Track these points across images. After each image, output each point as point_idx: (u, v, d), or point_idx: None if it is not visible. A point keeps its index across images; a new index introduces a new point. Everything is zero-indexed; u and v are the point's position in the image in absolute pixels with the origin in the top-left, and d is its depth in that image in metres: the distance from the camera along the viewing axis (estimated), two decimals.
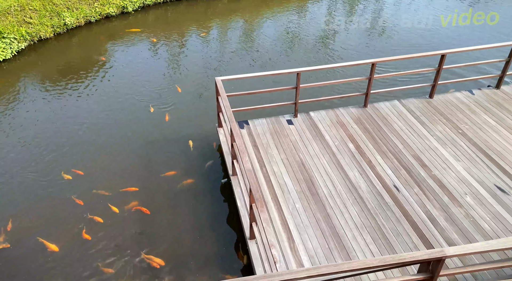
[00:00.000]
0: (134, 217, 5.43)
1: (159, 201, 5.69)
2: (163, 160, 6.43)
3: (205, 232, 5.22)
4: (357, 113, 6.54)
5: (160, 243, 5.06)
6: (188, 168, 6.25)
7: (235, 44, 10.04)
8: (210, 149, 6.65)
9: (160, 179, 6.06)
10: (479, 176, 5.21)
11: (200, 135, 6.93)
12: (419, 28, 10.73)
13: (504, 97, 6.74)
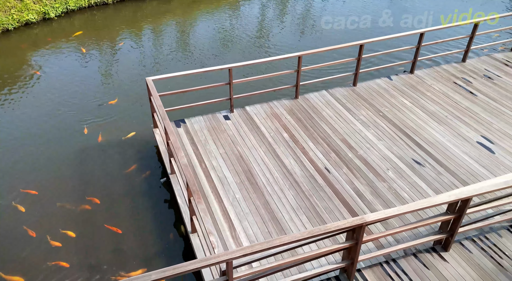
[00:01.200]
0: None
1: (100, 216, 5.58)
2: (100, 179, 6.28)
3: (148, 235, 5.22)
4: (289, 104, 6.88)
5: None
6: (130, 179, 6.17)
7: (169, 46, 10.01)
8: (154, 162, 6.62)
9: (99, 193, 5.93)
10: (399, 152, 5.76)
11: (142, 148, 6.86)
12: (345, 24, 11.42)
13: (418, 80, 7.46)
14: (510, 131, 6.11)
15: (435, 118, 6.42)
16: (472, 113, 6.52)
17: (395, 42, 9.70)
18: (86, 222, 5.36)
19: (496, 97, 6.91)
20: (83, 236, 5.16)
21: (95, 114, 7.45)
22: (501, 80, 7.39)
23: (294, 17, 11.75)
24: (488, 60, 8.05)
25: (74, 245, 5.04)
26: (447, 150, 5.77)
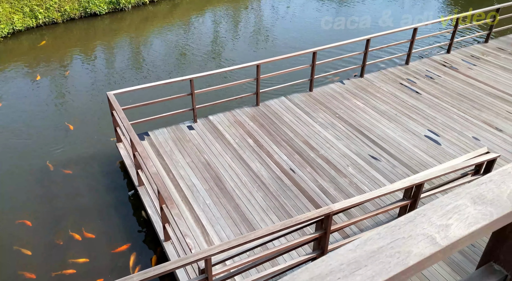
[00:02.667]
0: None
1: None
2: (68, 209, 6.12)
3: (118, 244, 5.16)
4: (251, 112, 7.11)
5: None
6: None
7: (125, 64, 9.95)
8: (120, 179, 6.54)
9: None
10: (356, 150, 6.15)
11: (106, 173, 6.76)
12: (297, 32, 11.96)
13: (368, 83, 8.00)
14: (452, 124, 6.72)
15: (386, 116, 6.92)
16: (418, 110, 7.09)
17: (348, 47, 10.29)
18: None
19: (438, 95, 7.56)
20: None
21: (54, 141, 7.24)
22: (441, 79, 8.10)
23: (248, 30, 12.12)
24: (428, 62, 8.80)
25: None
26: (399, 144, 6.24)
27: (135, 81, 9.11)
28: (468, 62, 8.77)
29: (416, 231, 0.63)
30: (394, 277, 0.58)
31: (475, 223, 0.64)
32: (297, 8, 13.75)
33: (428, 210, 0.67)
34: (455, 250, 0.63)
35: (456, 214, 0.65)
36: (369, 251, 0.61)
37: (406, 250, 0.61)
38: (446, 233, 0.63)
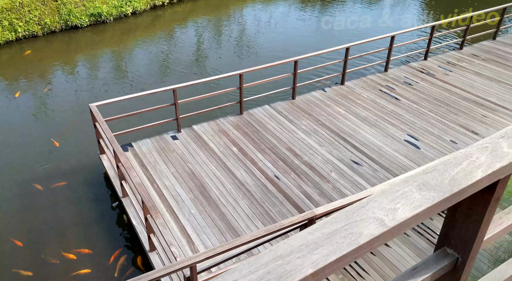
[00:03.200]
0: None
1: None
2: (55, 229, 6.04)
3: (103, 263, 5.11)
4: (235, 120, 7.18)
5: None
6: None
7: (108, 76, 9.93)
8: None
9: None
10: (339, 155, 6.27)
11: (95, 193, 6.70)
12: (280, 41, 12.15)
13: (348, 90, 8.18)
14: (431, 129, 6.92)
15: (367, 122, 7.09)
16: (397, 116, 7.29)
17: (329, 56, 10.51)
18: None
19: (416, 100, 7.79)
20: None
21: (38, 157, 7.16)
22: (419, 86, 8.35)
23: (231, 40, 12.27)
24: (406, 69, 9.06)
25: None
26: (380, 149, 6.40)
27: (118, 92, 9.10)
28: (445, 68, 9.07)
29: (367, 214, 0.71)
30: (347, 254, 0.65)
31: (419, 206, 0.71)
32: (279, 17, 14.00)
33: (379, 197, 0.74)
34: (402, 230, 0.71)
35: (403, 199, 0.73)
36: (326, 233, 0.68)
37: (358, 231, 0.68)
38: (393, 215, 0.70)
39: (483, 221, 0.86)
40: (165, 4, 14.23)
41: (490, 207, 0.85)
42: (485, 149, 0.82)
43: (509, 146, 0.82)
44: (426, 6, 15.51)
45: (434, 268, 0.90)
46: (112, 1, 12.80)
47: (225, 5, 15.19)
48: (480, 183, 0.76)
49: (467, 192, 0.75)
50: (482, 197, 0.85)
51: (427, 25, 9.19)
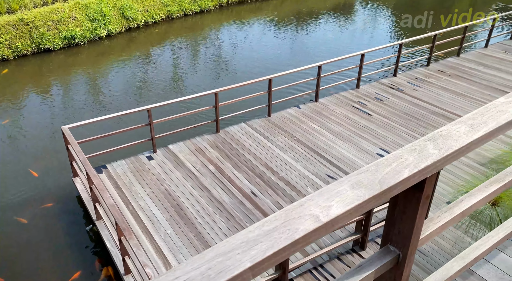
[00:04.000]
0: None
1: None
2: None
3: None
4: (212, 139, 7.22)
5: None
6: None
7: (82, 98, 9.84)
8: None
9: None
10: (314, 170, 6.37)
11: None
12: (256, 59, 12.39)
13: (322, 107, 8.39)
14: (402, 142, 7.14)
15: (341, 137, 7.26)
16: (369, 130, 7.50)
17: (303, 74, 10.77)
18: None
19: (387, 115, 8.05)
20: None
21: (12, 187, 6.96)
22: (389, 101, 8.65)
23: (207, 59, 12.43)
24: (377, 85, 9.39)
25: None
26: (353, 163, 6.54)
27: (93, 114, 9.01)
28: (413, 84, 9.45)
29: (304, 212, 0.76)
30: (284, 248, 0.70)
31: (351, 203, 0.78)
32: (254, 36, 14.31)
33: (316, 195, 0.81)
34: (336, 225, 0.76)
35: (338, 197, 0.79)
36: (266, 231, 0.73)
37: (295, 227, 0.73)
38: (328, 212, 0.76)
39: (417, 217, 0.93)
40: (140, 27, 14.34)
41: (422, 203, 0.92)
42: (413, 151, 0.90)
43: (434, 147, 0.90)
44: (395, 25, 16.22)
45: (378, 264, 0.96)
46: (86, 24, 12.80)
47: (201, 26, 15.45)
48: (407, 181, 0.84)
49: (396, 190, 0.82)
50: (414, 195, 0.93)
51: (395, 43, 9.61)
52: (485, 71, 9.98)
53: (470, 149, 0.95)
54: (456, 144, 0.91)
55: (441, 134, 0.95)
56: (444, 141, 0.91)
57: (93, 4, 13.08)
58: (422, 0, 20.48)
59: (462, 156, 0.92)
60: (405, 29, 15.65)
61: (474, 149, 1.02)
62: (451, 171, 6.22)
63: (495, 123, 0.95)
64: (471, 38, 13.43)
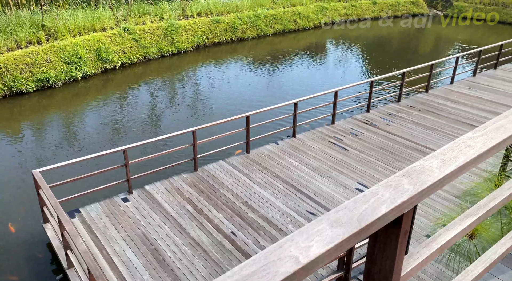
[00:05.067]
0: None
1: None
2: None
3: None
4: (190, 177, 7.11)
5: None
6: None
7: (56, 141, 9.61)
8: None
9: None
10: (294, 206, 6.33)
11: None
12: (233, 98, 12.58)
13: (300, 142, 8.50)
14: (379, 176, 7.25)
15: (319, 172, 7.31)
16: (347, 165, 7.60)
17: (280, 110, 10.97)
18: None
19: (363, 150, 8.22)
20: None
21: None
22: (364, 136, 8.87)
23: (185, 99, 12.53)
24: (351, 121, 9.65)
25: None
26: (333, 198, 6.56)
27: (67, 157, 8.76)
28: (386, 119, 9.77)
29: (284, 253, 0.74)
30: None
31: (331, 242, 0.76)
32: (231, 75, 14.62)
33: (296, 235, 0.79)
34: (317, 266, 0.75)
35: (317, 236, 0.78)
36: (244, 275, 0.70)
37: (275, 270, 0.71)
38: (307, 253, 0.74)
39: (397, 254, 0.92)
40: (116, 68, 14.43)
41: (401, 239, 0.92)
42: (389, 186, 0.91)
43: (409, 183, 0.91)
44: (366, 63, 17.01)
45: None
46: (61, 66, 12.78)
47: (178, 66, 15.71)
48: (385, 218, 0.84)
49: (374, 227, 0.82)
50: (392, 231, 0.92)
51: (367, 80, 10.03)
52: (453, 106, 10.48)
53: (443, 183, 0.97)
54: (430, 178, 0.93)
55: (415, 169, 0.97)
56: (418, 176, 0.93)
57: (68, 47, 13.15)
58: (390, 40, 21.74)
59: (436, 190, 0.94)
60: (375, 67, 16.43)
61: (447, 183, 1.04)
62: (429, 204, 6.32)
63: (465, 158, 0.98)
64: (437, 75, 14.21)
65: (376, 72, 15.64)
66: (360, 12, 24.38)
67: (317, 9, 22.51)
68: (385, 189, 0.90)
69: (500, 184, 4.26)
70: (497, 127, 1.15)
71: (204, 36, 17.56)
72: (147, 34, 15.71)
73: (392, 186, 0.91)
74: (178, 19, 17.31)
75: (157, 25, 16.23)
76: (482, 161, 1.06)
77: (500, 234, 2.95)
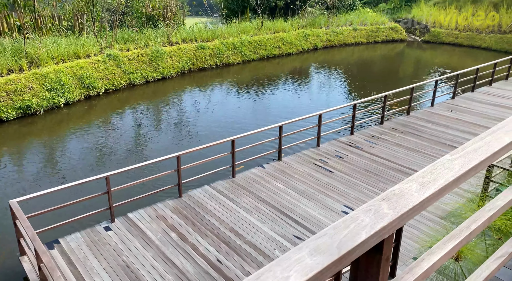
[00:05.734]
0: None
1: None
2: None
3: None
4: (174, 204, 6.97)
5: None
6: None
7: (37, 169, 9.36)
8: None
9: None
10: (281, 231, 6.23)
11: None
12: (219, 122, 12.58)
13: (285, 165, 8.49)
14: (364, 198, 7.26)
15: (305, 195, 7.27)
16: (332, 188, 7.60)
17: (265, 134, 10.99)
18: None
19: (348, 172, 8.25)
20: None
21: None
22: (349, 158, 8.94)
23: (170, 124, 12.48)
24: (336, 143, 9.73)
25: None
26: (319, 222, 6.50)
27: (49, 185, 8.52)
28: (370, 141, 9.89)
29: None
30: None
31: (310, 272, 0.73)
32: (217, 100, 14.69)
33: (274, 265, 0.76)
34: None
35: (297, 266, 0.75)
36: None
37: None
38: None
39: (379, 280, 0.89)
40: (100, 94, 14.36)
41: (382, 266, 0.89)
42: (369, 211, 0.89)
43: (389, 207, 0.90)
44: (349, 87, 17.37)
45: None
46: (43, 93, 12.64)
47: (163, 91, 15.73)
48: (366, 244, 0.81)
49: (355, 253, 0.79)
50: (374, 257, 0.90)
51: (350, 103, 10.21)
52: (434, 128, 10.71)
53: (423, 207, 0.96)
54: (410, 202, 0.92)
55: (394, 193, 0.96)
56: (398, 200, 0.92)
57: (51, 74, 13.06)
58: (371, 64, 22.37)
59: (416, 214, 0.93)
60: (358, 90, 16.79)
61: (427, 206, 1.03)
62: (414, 226, 6.31)
63: (444, 180, 0.98)
64: (418, 98, 14.58)
65: (359, 95, 15.97)
66: (342, 38, 25.14)
67: (300, 35, 23.12)
68: (365, 214, 0.88)
69: (483, 204, 4.30)
70: (474, 149, 1.16)
71: (189, 62, 17.74)
72: (131, 60, 15.78)
73: (372, 210, 0.89)
74: (163, 45, 17.49)
75: (141, 51, 16.35)
76: (461, 183, 1.06)
77: (485, 255, 2.94)
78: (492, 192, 4.96)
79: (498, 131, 1.28)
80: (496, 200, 1.42)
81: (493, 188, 5.19)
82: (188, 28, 20.30)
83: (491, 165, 4.82)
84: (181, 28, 19.95)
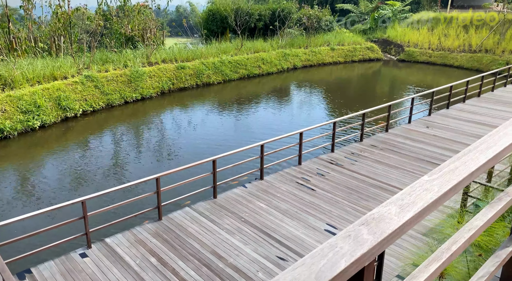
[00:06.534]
0: None
1: None
2: None
3: None
4: (153, 227, 6.77)
5: None
6: None
7: (9, 195, 8.99)
8: None
9: None
10: (264, 253, 6.11)
11: None
12: (200, 141, 12.47)
13: (268, 185, 8.43)
14: (347, 216, 7.24)
15: (288, 215, 7.20)
16: (315, 206, 7.56)
17: (246, 153, 10.94)
18: None
19: (330, 190, 8.26)
20: None
21: None
22: (330, 175, 8.96)
23: (150, 145, 12.28)
24: (317, 161, 9.77)
25: None
26: (302, 241, 6.42)
27: (22, 211, 8.16)
28: (350, 158, 9.97)
29: None
30: None
31: None
32: (198, 119, 14.60)
33: None
34: None
35: None
36: None
37: None
38: None
39: None
40: (78, 116, 14.08)
41: None
42: (348, 237, 0.85)
43: (369, 232, 0.86)
44: (328, 105, 17.63)
45: None
46: (17, 116, 12.29)
47: (142, 112, 15.57)
48: (345, 273, 0.77)
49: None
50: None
51: (330, 121, 10.32)
52: (412, 144, 10.91)
53: (403, 231, 0.93)
54: (390, 226, 0.89)
55: (374, 217, 0.93)
56: (377, 224, 0.89)
57: (26, 96, 12.76)
58: (349, 82, 22.88)
59: (397, 238, 0.90)
60: (338, 107, 17.05)
61: (407, 230, 1.01)
62: (397, 243, 6.31)
63: (423, 202, 0.96)
64: (396, 115, 14.91)
65: (339, 113, 16.21)
66: (320, 58, 25.70)
67: (280, 55, 23.51)
68: (343, 241, 0.84)
69: (462, 220, 4.35)
70: (452, 170, 1.15)
71: (169, 82, 17.70)
72: (110, 81, 15.61)
73: (351, 236, 0.85)
74: (143, 66, 17.43)
75: (120, 72, 16.23)
76: (440, 205, 1.04)
77: (467, 271, 2.93)
78: (470, 207, 5.03)
79: (474, 151, 1.28)
80: (474, 219, 1.42)
81: (471, 202, 5.27)
82: (168, 49, 20.35)
83: None
84: (160, 48, 19.98)
